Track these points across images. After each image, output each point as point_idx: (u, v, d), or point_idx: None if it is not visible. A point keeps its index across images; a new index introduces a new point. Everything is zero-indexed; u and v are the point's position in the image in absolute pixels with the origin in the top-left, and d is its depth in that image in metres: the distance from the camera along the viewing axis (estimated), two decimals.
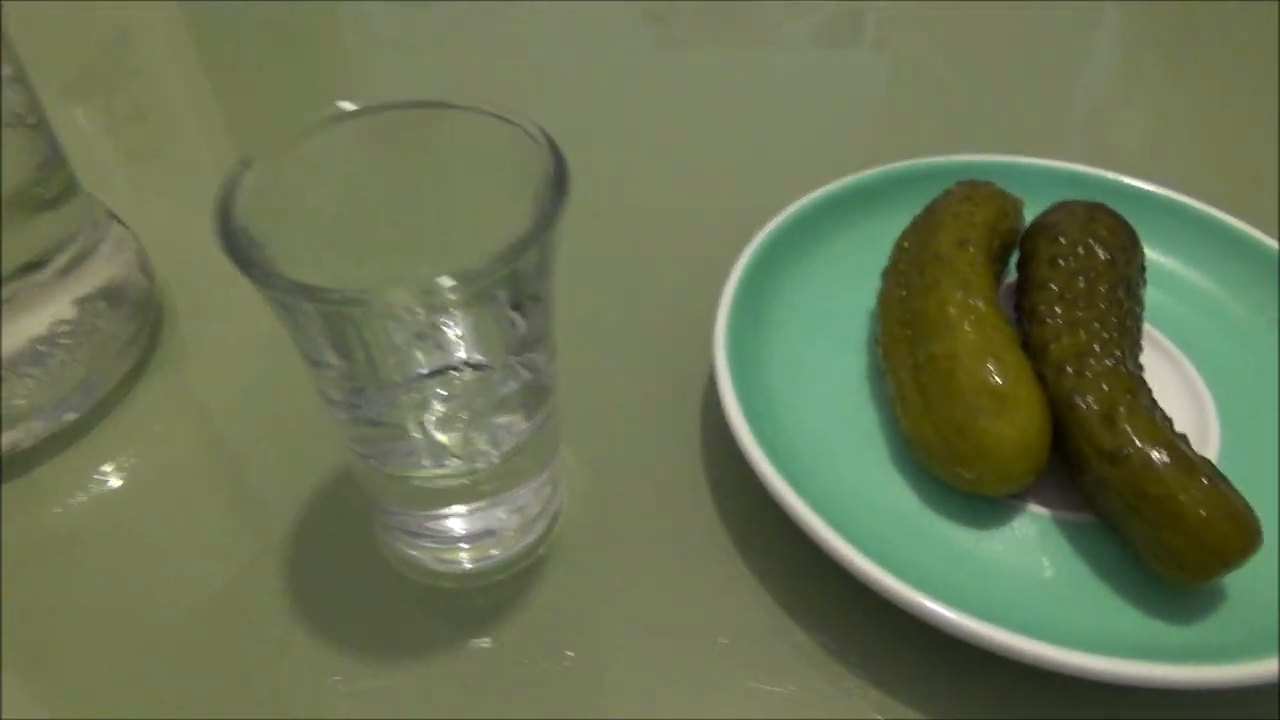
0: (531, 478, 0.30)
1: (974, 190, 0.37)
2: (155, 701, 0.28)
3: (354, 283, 0.21)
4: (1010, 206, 0.37)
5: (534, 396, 0.28)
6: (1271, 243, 0.38)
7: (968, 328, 0.30)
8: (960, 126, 0.54)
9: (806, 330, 0.36)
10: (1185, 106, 0.56)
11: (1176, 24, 0.66)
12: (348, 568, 0.31)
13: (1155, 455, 0.27)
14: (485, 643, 0.29)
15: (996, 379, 0.29)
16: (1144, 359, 0.34)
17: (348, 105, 0.26)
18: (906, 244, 0.36)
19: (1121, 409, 0.28)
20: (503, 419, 0.28)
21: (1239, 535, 0.26)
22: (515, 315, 0.25)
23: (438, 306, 0.23)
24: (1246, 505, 0.27)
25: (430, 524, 0.30)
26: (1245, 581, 0.28)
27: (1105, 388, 0.29)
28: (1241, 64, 0.61)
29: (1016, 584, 0.29)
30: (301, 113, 0.52)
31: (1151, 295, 0.37)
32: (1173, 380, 0.35)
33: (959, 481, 0.30)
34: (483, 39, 0.63)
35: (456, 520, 0.30)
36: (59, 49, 0.61)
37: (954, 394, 0.29)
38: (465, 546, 0.31)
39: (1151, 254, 0.38)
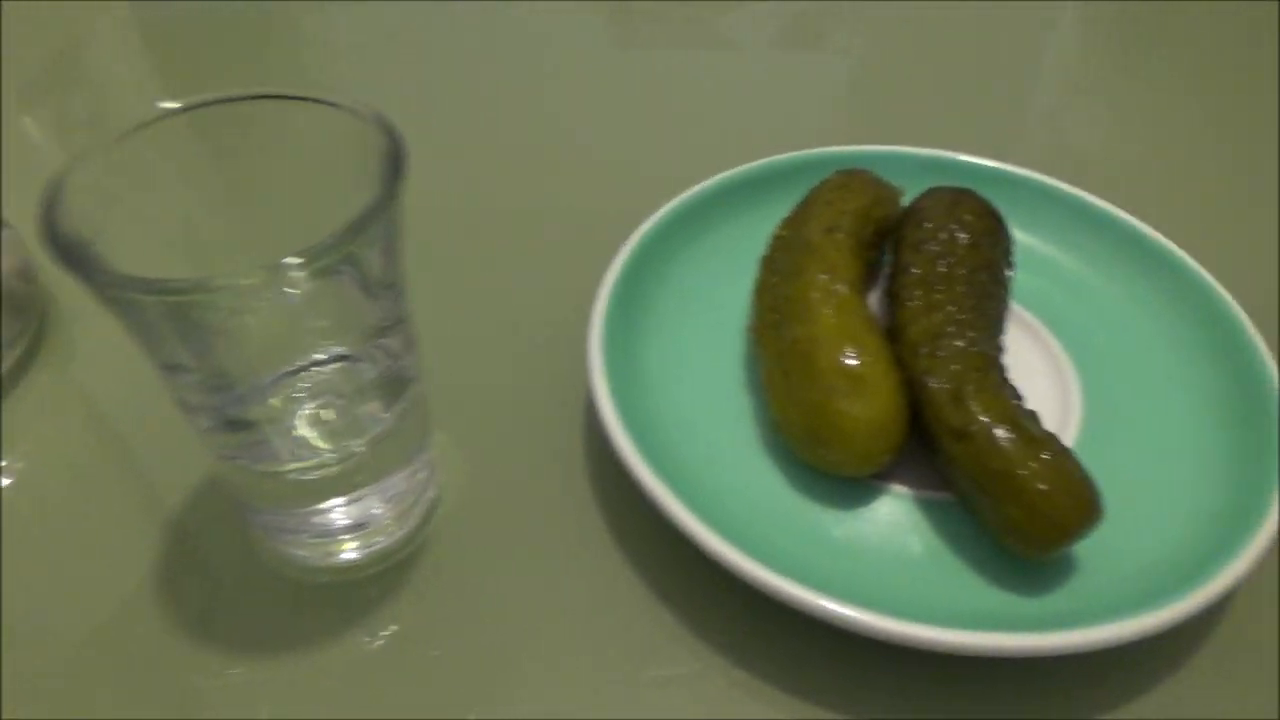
0: (402, 467, 0.31)
1: (850, 179, 0.37)
2: (32, 699, 0.28)
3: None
4: (886, 194, 0.37)
5: (394, 384, 0.28)
6: (1136, 223, 0.39)
7: (828, 311, 0.31)
8: (914, 127, 0.53)
9: (688, 319, 0.37)
10: (1139, 107, 0.57)
11: (1133, 24, 0.67)
12: (229, 565, 0.31)
13: (999, 432, 0.28)
14: (367, 635, 0.29)
15: (852, 361, 0.30)
16: (1012, 339, 0.35)
17: (171, 103, 0.26)
18: (783, 233, 0.36)
19: (970, 388, 0.29)
20: (366, 408, 0.28)
21: (1078, 509, 0.27)
22: (368, 301, 0.26)
23: (283, 290, 0.23)
24: (1087, 479, 0.27)
25: (305, 519, 0.30)
26: (1101, 549, 0.29)
27: (956, 367, 0.30)
28: (1197, 65, 0.61)
29: (880, 564, 0.29)
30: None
31: (1025, 278, 0.38)
32: (1040, 360, 0.36)
33: (821, 463, 0.30)
34: (442, 40, 0.63)
35: (331, 514, 0.30)
36: (8, 56, 0.60)
37: (813, 377, 0.30)
38: (343, 539, 0.31)
39: (1026, 238, 0.39)
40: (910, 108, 0.56)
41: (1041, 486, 0.27)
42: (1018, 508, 0.27)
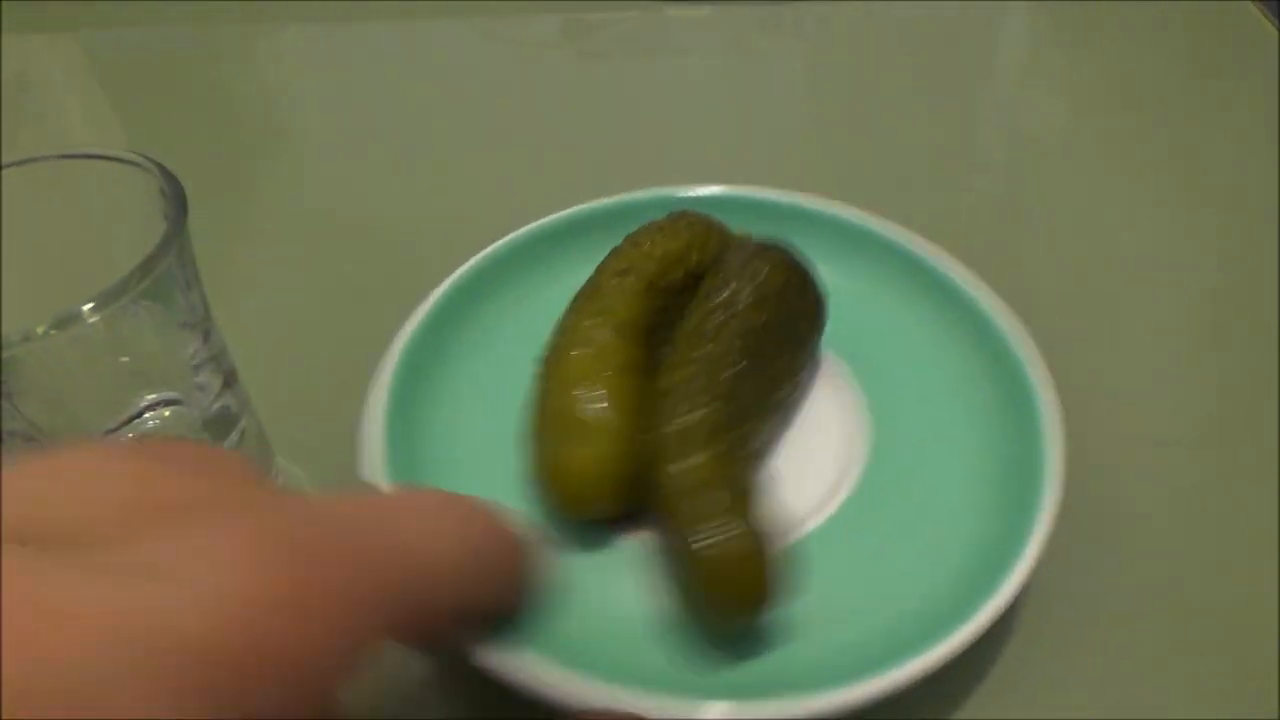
0: None
1: (675, 222, 0.37)
2: None
3: None
4: (710, 239, 0.37)
5: (219, 422, 0.29)
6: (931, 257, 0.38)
7: (577, 354, 0.31)
8: (869, 133, 0.55)
9: (496, 360, 0.36)
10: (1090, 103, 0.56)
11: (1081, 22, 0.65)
12: None
13: (686, 504, 0.27)
14: None
15: (580, 405, 0.30)
16: (820, 393, 0.35)
17: None
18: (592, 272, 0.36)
19: (683, 446, 0.28)
20: None
21: (751, 590, 0.26)
22: (174, 343, 0.27)
23: (80, 335, 0.24)
24: (761, 563, 0.27)
25: None
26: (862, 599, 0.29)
27: (682, 422, 0.29)
28: (1144, 64, 0.60)
29: (607, 623, 0.29)
30: (222, 144, 0.55)
31: (850, 326, 0.37)
32: (837, 406, 0.35)
33: (547, 506, 0.30)
34: (399, 59, 0.64)
35: None
36: None
37: (545, 417, 0.30)
38: None
39: (848, 283, 0.38)
40: (881, 117, 0.56)
41: (715, 561, 0.26)
42: (694, 576, 0.27)
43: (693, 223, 0.37)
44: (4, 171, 0.27)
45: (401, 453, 0.31)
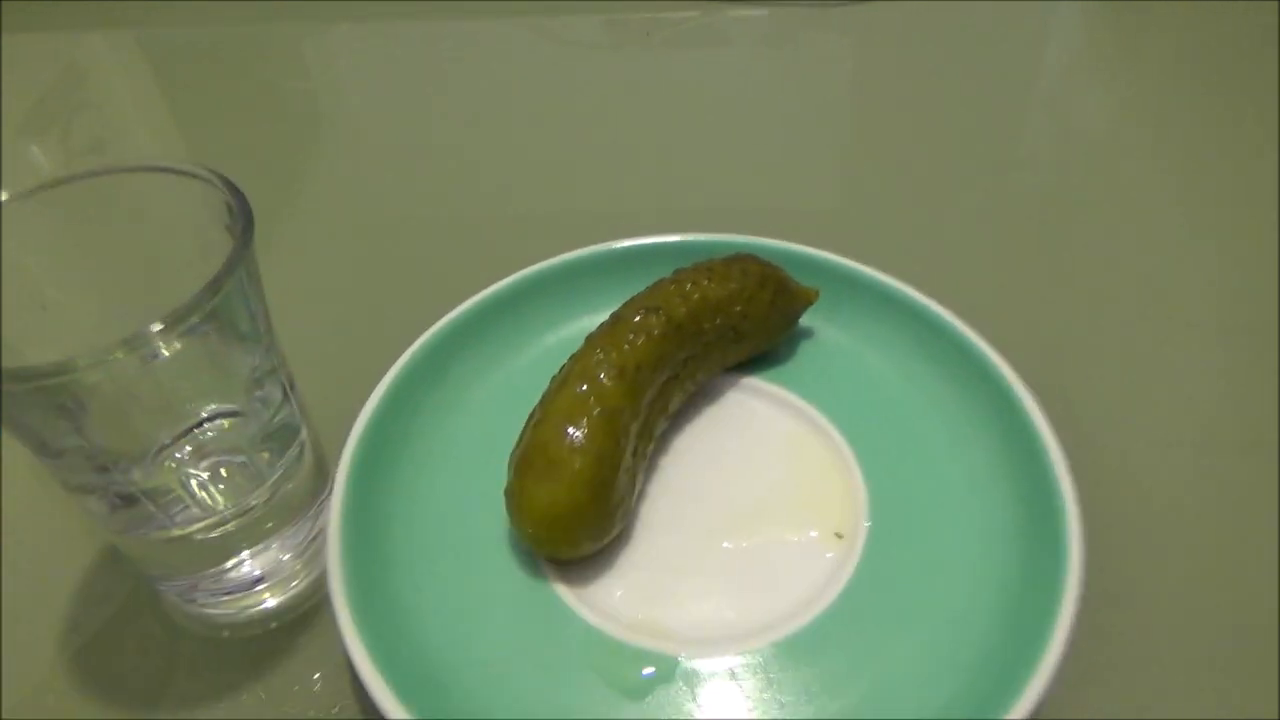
0: (304, 511, 0.31)
1: (728, 265, 0.35)
2: None
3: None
4: (761, 294, 0.35)
5: (280, 434, 0.30)
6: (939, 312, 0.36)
7: (569, 391, 0.30)
8: (915, 132, 0.54)
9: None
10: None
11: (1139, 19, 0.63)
12: (137, 633, 0.32)
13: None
14: (295, 684, 0.30)
15: (559, 441, 0.29)
16: (801, 444, 0.35)
17: (4, 195, 0.27)
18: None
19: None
20: (257, 461, 0.29)
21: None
22: (237, 356, 0.27)
23: (152, 358, 0.24)
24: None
25: (215, 578, 0.31)
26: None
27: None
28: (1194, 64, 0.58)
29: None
30: (267, 137, 0.57)
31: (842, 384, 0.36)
32: (831, 468, 0.34)
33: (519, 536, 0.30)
34: (442, 54, 0.64)
35: (240, 568, 0.31)
36: (11, 84, 0.61)
37: (525, 448, 0.29)
38: (257, 591, 0.31)
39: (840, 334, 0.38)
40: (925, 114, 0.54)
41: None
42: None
43: (748, 271, 0.35)
44: (68, 185, 0.27)
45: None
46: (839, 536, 0.31)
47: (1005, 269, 0.44)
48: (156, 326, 0.23)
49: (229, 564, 0.30)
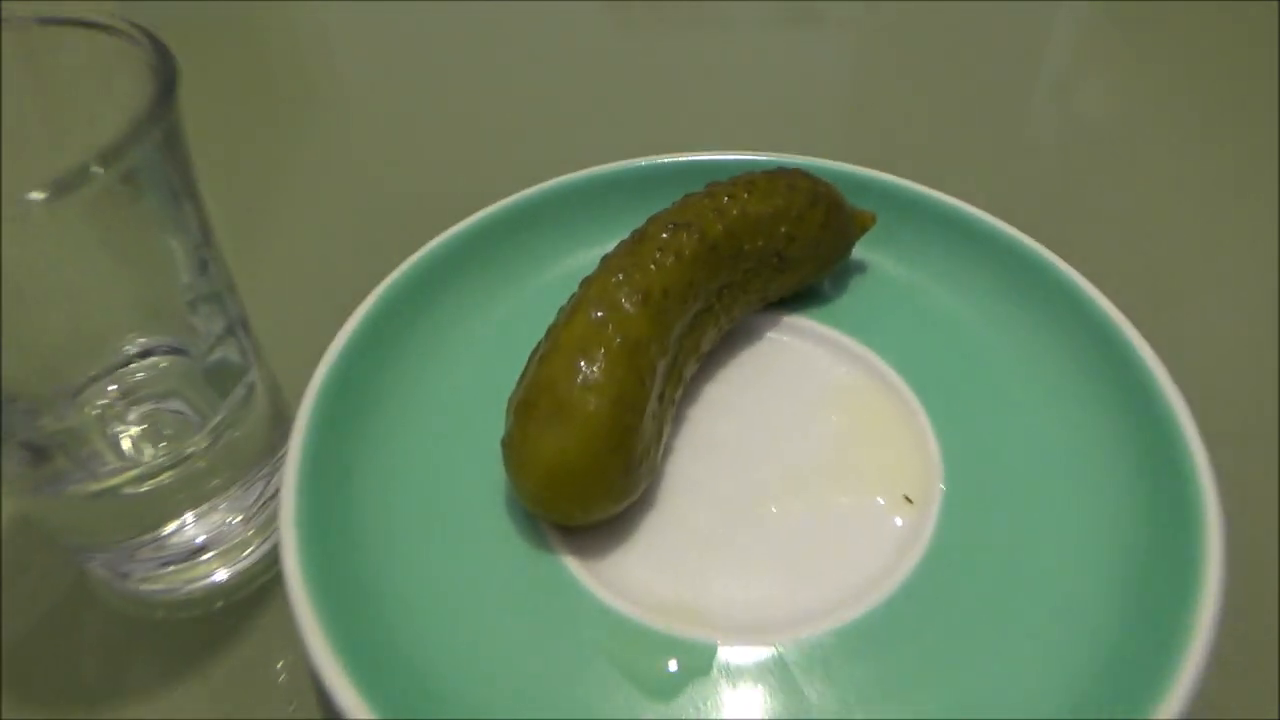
0: (253, 468, 0.26)
1: (773, 179, 0.29)
2: None
3: None
4: (813, 213, 0.29)
5: (222, 373, 0.25)
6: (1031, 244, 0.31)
7: (587, 315, 0.24)
8: (919, 111, 0.50)
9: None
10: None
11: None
12: (58, 619, 0.27)
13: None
14: (243, 668, 0.25)
15: (570, 377, 0.23)
16: (867, 398, 0.29)
17: None
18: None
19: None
20: (194, 402, 0.25)
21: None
22: (161, 264, 0.22)
23: (53, 224, 0.19)
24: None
25: (148, 547, 0.26)
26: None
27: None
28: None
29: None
30: (256, 111, 0.52)
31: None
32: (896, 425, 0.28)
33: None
34: (437, 27, 0.60)
35: (180, 534, 0.26)
36: None
37: (528, 386, 0.24)
38: (199, 562, 0.26)
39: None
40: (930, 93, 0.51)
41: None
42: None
43: (796, 187, 0.30)
44: None
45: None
46: (909, 501, 0.26)
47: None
48: (39, 193, 0.17)
49: (167, 529, 0.25)
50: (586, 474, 0.23)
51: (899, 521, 0.25)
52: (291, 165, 0.46)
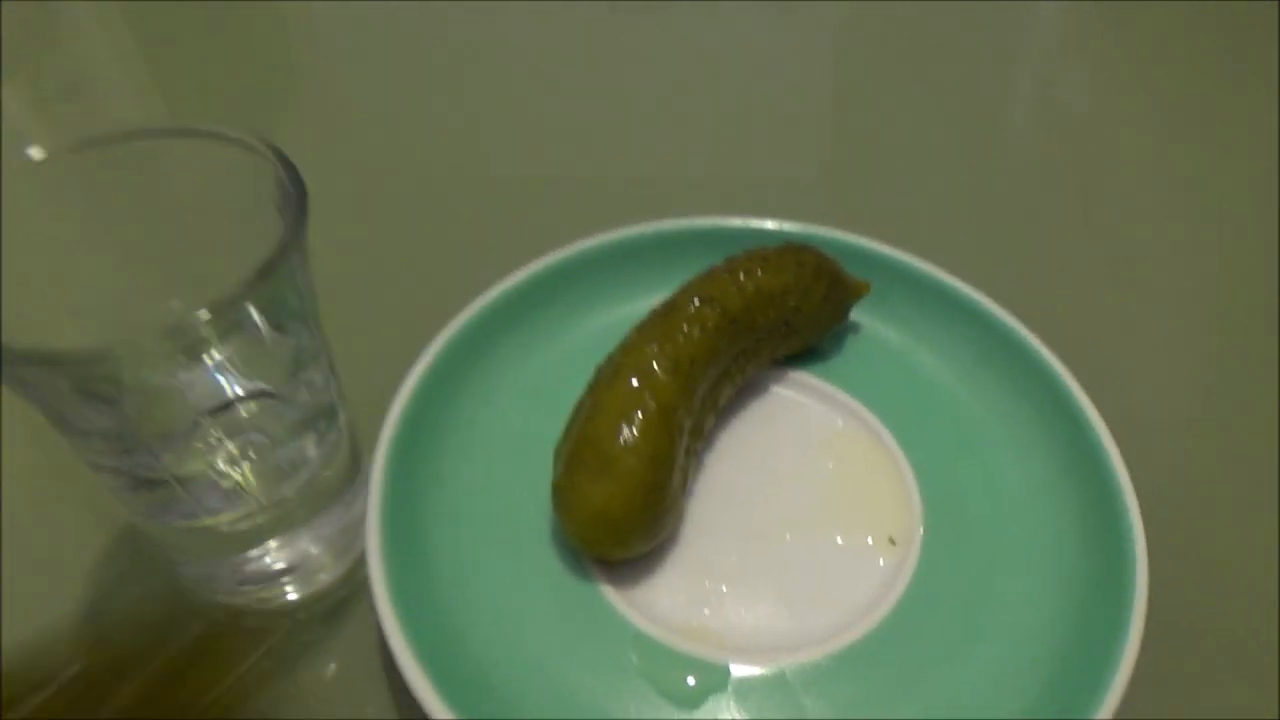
0: (335, 501, 0.30)
1: (782, 255, 0.34)
2: None
3: (95, 336, 0.20)
4: (816, 286, 0.33)
5: (320, 417, 0.28)
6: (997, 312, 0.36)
7: (626, 382, 0.29)
8: (905, 94, 0.54)
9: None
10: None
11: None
12: (160, 617, 0.30)
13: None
14: (311, 682, 0.29)
15: (613, 437, 0.27)
16: (856, 448, 0.33)
17: (36, 152, 0.24)
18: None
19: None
20: (294, 447, 0.27)
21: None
22: (281, 336, 0.25)
23: (193, 344, 0.22)
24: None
25: (237, 568, 0.29)
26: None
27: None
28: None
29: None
30: (243, 82, 0.54)
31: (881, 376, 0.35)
32: (884, 476, 0.33)
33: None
34: (429, 18, 0.61)
35: (264, 559, 0.29)
36: None
37: (576, 441, 0.28)
38: (281, 583, 0.30)
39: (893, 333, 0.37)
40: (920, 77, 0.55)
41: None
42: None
43: (802, 262, 0.34)
44: (101, 147, 0.25)
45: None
46: (892, 543, 0.30)
47: (995, 249, 0.45)
48: (204, 315, 0.21)
49: (252, 554, 0.29)
50: (624, 521, 0.27)
51: (883, 562, 0.30)
52: (362, 209, 0.48)
